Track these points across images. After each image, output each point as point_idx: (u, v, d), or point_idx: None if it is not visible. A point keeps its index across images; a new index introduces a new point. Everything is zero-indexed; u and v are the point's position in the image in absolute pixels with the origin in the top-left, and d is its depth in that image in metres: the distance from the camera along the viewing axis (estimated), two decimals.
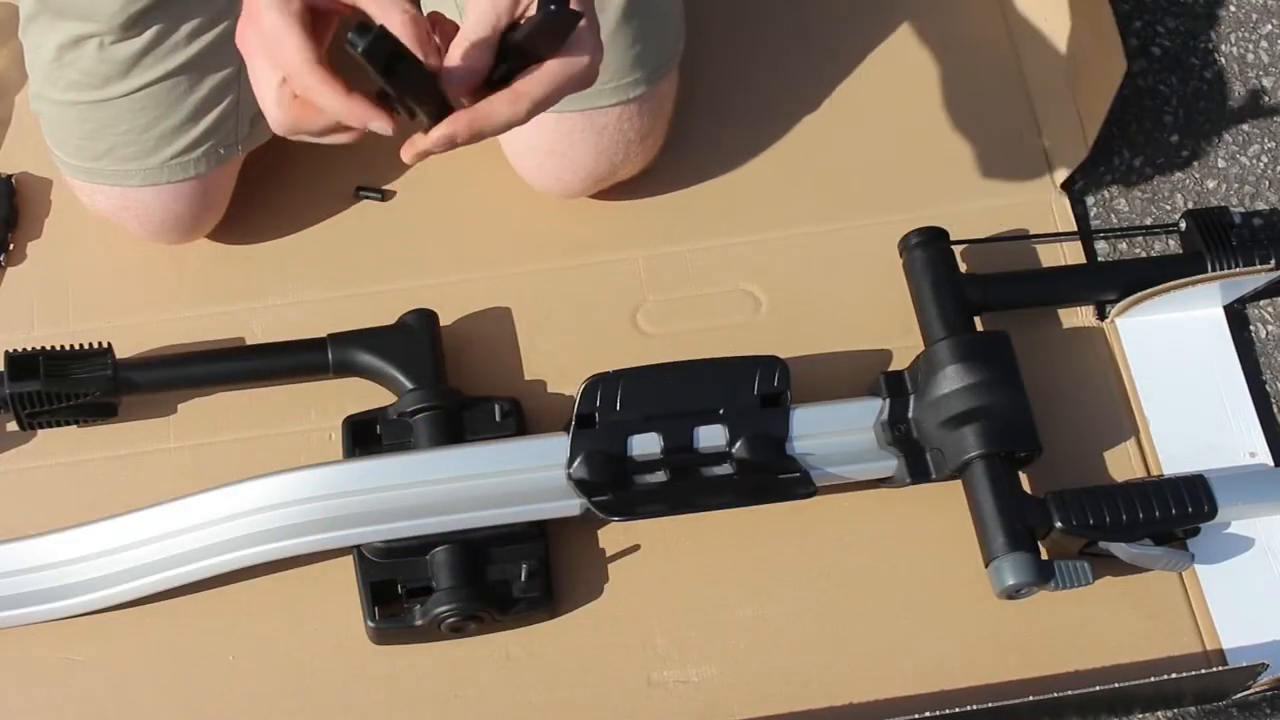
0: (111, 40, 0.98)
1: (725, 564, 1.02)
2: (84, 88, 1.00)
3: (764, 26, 1.22)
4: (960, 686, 0.98)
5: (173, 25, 0.99)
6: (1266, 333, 1.13)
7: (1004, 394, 0.99)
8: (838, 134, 1.18)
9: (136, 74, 1.00)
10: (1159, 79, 1.23)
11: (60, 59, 0.99)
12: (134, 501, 0.99)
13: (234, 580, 0.99)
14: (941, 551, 1.02)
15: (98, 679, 0.99)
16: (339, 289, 1.11)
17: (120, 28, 0.97)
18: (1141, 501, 0.97)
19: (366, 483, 0.97)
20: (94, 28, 0.98)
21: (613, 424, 0.98)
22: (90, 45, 0.98)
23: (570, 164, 1.07)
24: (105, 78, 1.00)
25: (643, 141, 1.08)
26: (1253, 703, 1.00)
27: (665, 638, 1.00)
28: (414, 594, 0.97)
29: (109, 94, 1.00)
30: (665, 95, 1.08)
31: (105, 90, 1.00)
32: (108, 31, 0.98)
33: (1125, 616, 1.01)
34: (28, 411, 1.01)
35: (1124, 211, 1.17)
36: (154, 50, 0.99)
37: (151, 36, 0.99)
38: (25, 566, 0.98)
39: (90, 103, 1.01)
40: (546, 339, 1.10)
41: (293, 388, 1.07)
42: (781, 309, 1.11)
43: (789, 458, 0.99)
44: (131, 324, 1.09)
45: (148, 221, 1.07)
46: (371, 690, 0.98)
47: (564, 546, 1.02)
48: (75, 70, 1.00)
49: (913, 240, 1.07)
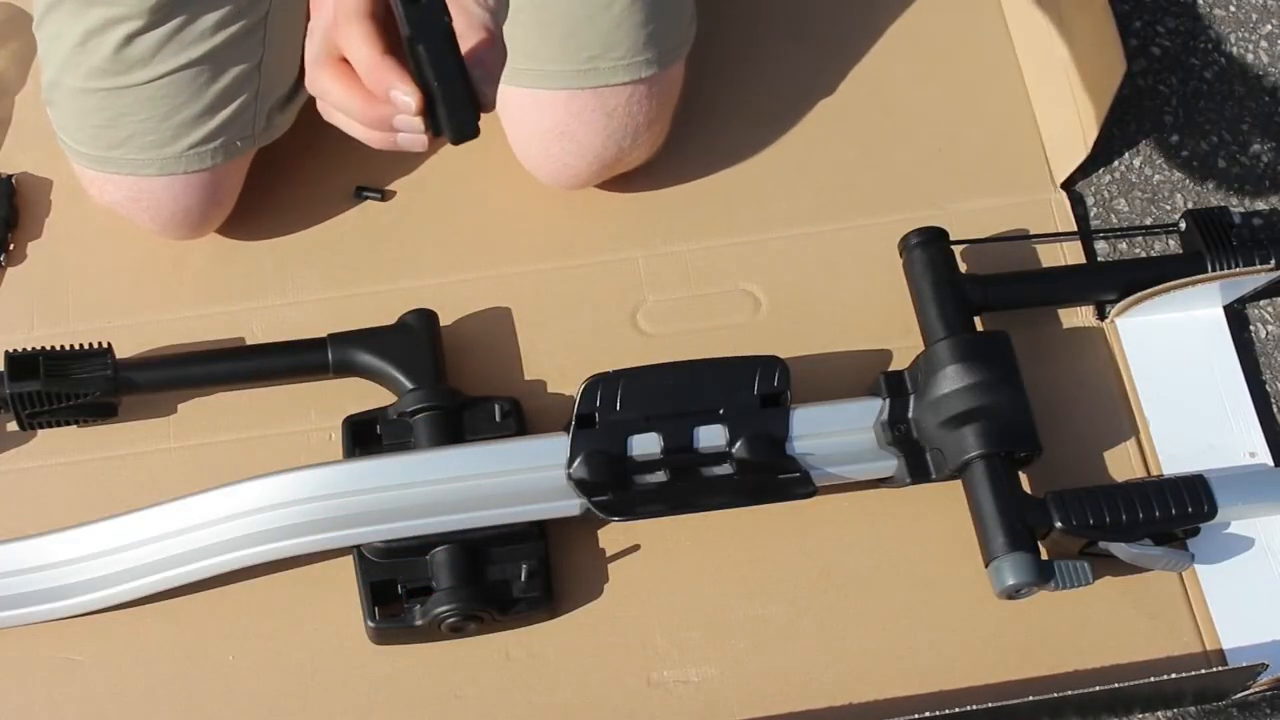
0: (138, 26, 0.98)
1: (725, 564, 1.02)
2: (107, 74, 1.01)
3: (764, 26, 1.22)
4: (960, 686, 0.98)
5: (198, 14, 1.00)
6: (1266, 333, 1.13)
7: (1004, 394, 0.99)
8: (838, 134, 1.18)
9: (160, 61, 1.00)
10: (1159, 79, 1.23)
11: (85, 44, 1.00)
12: (134, 501, 0.99)
13: (234, 580, 0.99)
14: (941, 551, 1.02)
15: (98, 679, 0.99)
16: (339, 289, 1.11)
17: (149, 12, 0.98)
18: (1141, 501, 0.97)
19: (366, 483, 0.97)
20: (122, 12, 0.98)
21: (613, 424, 0.98)
22: (118, 31, 0.99)
23: (578, 146, 1.07)
24: (129, 64, 1.00)
25: (650, 128, 1.08)
26: (1253, 703, 1.00)
27: (665, 638, 1.00)
28: (414, 594, 0.97)
29: (132, 80, 1.00)
30: (674, 82, 1.09)
31: (128, 77, 1.00)
32: (136, 16, 0.98)
33: (1125, 616, 1.01)
34: (28, 411, 1.01)
35: (1124, 211, 1.17)
36: (178, 38, 1.00)
37: (177, 24, 0.99)
38: (25, 566, 0.98)
39: (112, 89, 1.01)
40: (546, 339, 1.10)
41: (293, 388, 1.07)
42: (781, 309, 1.11)
43: (789, 458, 0.99)
44: (131, 324, 1.09)
45: (158, 214, 1.07)
46: (371, 690, 0.98)
47: (564, 546, 1.02)
48: (99, 56, 1.00)
49: (913, 240, 1.07)
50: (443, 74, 0.69)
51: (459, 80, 0.70)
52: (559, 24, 1.02)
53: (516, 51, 1.04)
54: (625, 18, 1.02)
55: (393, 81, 0.69)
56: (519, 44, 1.04)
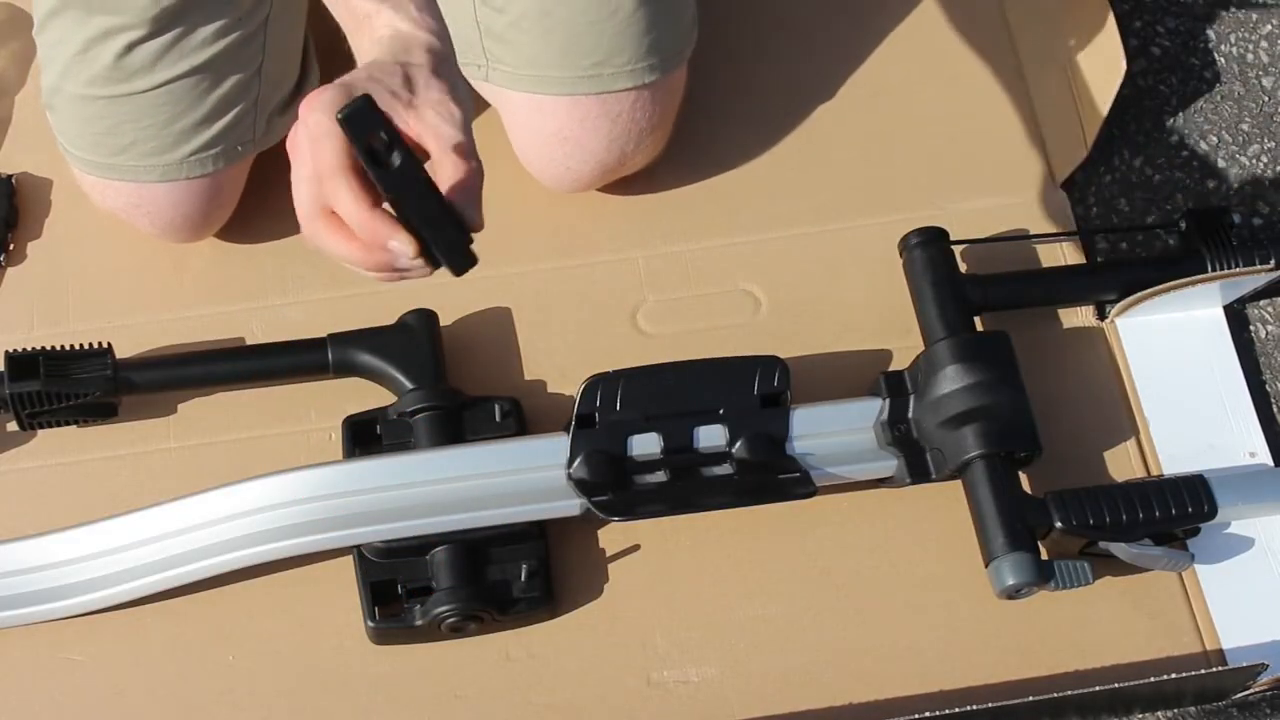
0: (139, 35, 0.99)
1: (725, 564, 1.02)
2: (108, 82, 1.01)
3: (763, 26, 1.22)
4: (960, 686, 0.98)
5: (199, 22, 1.00)
6: (1266, 333, 1.13)
7: (1004, 394, 0.99)
8: (838, 134, 1.18)
9: (161, 69, 1.00)
10: (1159, 79, 1.23)
11: (86, 52, 1.00)
12: (134, 501, 0.99)
13: (234, 580, 0.99)
14: (941, 551, 1.02)
15: (97, 679, 0.99)
16: (339, 289, 1.11)
17: (150, 21, 0.98)
18: (1141, 501, 0.97)
19: (366, 483, 0.97)
20: (124, 21, 0.98)
21: (613, 424, 0.98)
22: (118, 40, 0.99)
23: (581, 150, 1.07)
24: (130, 72, 1.00)
25: (653, 132, 1.08)
26: (1252, 703, 1.00)
27: (665, 638, 1.00)
28: (414, 594, 0.97)
29: (133, 89, 1.01)
30: (676, 86, 1.09)
31: (129, 85, 1.01)
32: (137, 25, 0.98)
33: (1125, 616, 1.01)
34: (28, 411, 1.01)
35: (1124, 211, 1.17)
36: (178, 46, 1.00)
37: (177, 33, 0.99)
38: (25, 566, 0.98)
39: (113, 97, 1.01)
40: (546, 339, 1.10)
41: (293, 388, 1.07)
42: (781, 309, 1.11)
43: (789, 458, 0.99)
44: (131, 324, 1.09)
45: (159, 219, 1.07)
46: (371, 690, 0.98)
47: (564, 546, 1.02)
48: (99, 64, 1.00)
49: (913, 240, 1.07)
50: (429, 220, 0.72)
51: (446, 220, 0.73)
52: (562, 31, 1.02)
53: (520, 58, 1.05)
54: (628, 24, 1.02)
55: (386, 235, 0.72)
56: (522, 51, 1.04)
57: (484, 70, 1.07)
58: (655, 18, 1.03)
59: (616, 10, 1.02)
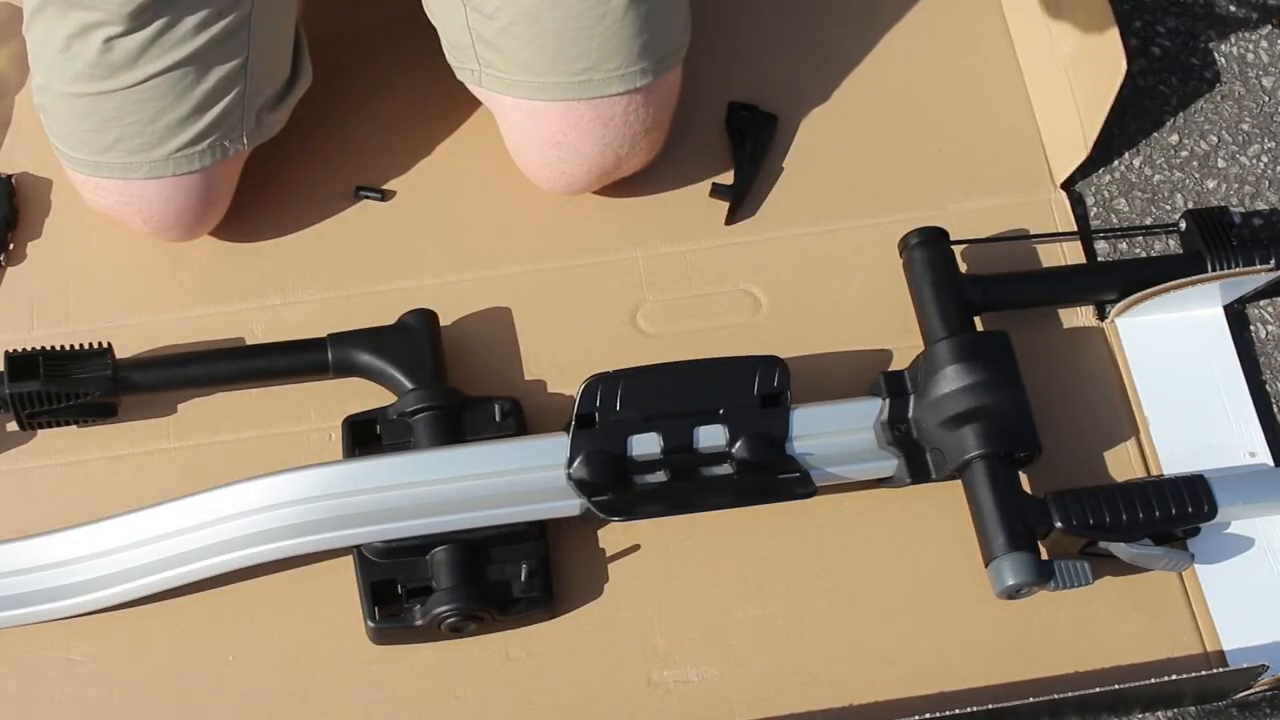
0: (119, 30, 0.98)
1: (725, 564, 1.02)
2: (91, 79, 1.00)
3: (762, 26, 1.22)
4: (960, 687, 0.98)
5: (180, 16, 0.99)
6: (1266, 333, 1.13)
7: (1004, 394, 0.99)
8: (837, 134, 1.18)
9: (143, 64, 1.00)
10: (1159, 79, 1.23)
11: (68, 49, 1.00)
12: (134, 501, 0.99)
13: (234, 580, 0.99)
14: (941, 551, 1.02)
15: (97, 679, 0.99)
16: (339, 289, 1.11)
17: (128, 17, 0.98)
18: (1141, 501, 0.97)
19: (366, 483, 0.97)
20: (102, 17, 0.98)
21: (613, 424, 0.98)
22: (98, 35, 0.98)
23: (575, 155, 1.07)
24: (112, 68, 1.00)
25: (648, 135, 1.08)
26: (1253, 703, 1.00)
27: (665, 638, 1.00)
28: (414, 594, 0.97)
29: (116, 85, 1.00)
30: (671, 88, 1.09)
31: (112, 81, 1.00)
32: (116, 21, 0.98)
33: (1125, 616, 1.01)
34: (28, 411, 1.01)
35: (1124, 211, 1.17)
36: (160, 40, 0.99)
37: (159, 27, 0.99)
38: (25, 566, 0.98)
39: (97, 94, 1.01)
40: (546, 339, 1.10)
41: (293, 388, 1.07)
42: (781, 309, 1.11)
43: (789, 458, 0.99)
44: (131, 324, 1.09)
45: (151, 217, 1.07)
46: (371, 690, 0.98)
47: (564, 546, 1.02)
48: (82, 61, 1.00)
49: (913, 240, 1.07)
50: None
51: None
52: (552, 37, 1.02)
53: (512, 64, 1.05)
54: (619, 28, 1.02)
55: None
56: (514, 57, 1.04)
57: (477, 75, 1.07)
58: (646, 21, 1.03)
59: (606, 15, 1.01)
